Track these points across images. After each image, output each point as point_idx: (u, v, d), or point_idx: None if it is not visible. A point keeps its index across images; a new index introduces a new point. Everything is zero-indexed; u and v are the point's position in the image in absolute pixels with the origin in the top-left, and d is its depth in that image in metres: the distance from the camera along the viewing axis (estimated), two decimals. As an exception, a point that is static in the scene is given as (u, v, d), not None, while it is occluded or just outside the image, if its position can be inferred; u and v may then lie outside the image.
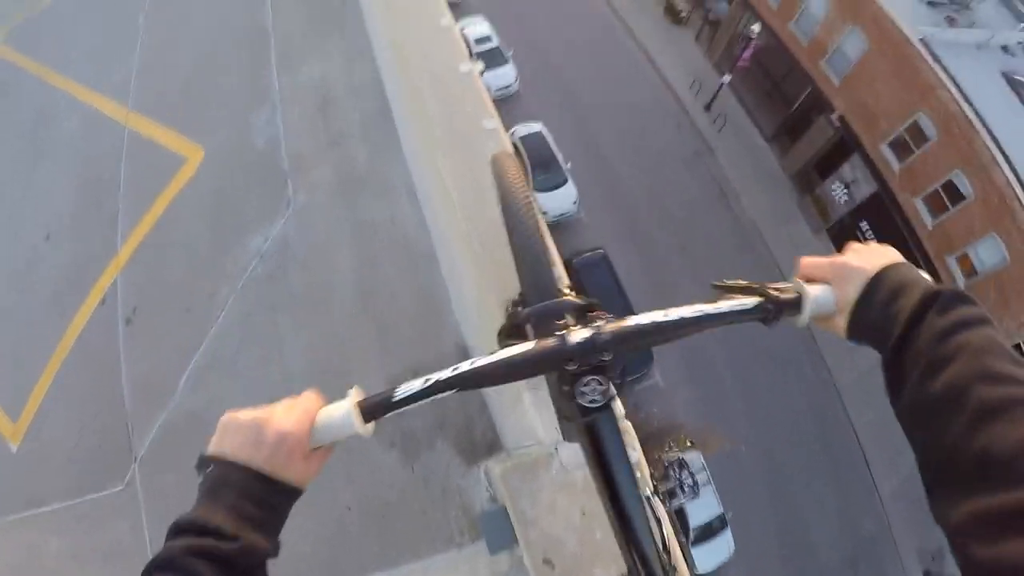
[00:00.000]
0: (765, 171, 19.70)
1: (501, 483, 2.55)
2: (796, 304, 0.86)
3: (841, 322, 0.85)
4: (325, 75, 5.42)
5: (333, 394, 0.90)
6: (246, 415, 0.82)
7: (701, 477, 13.03)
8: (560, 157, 16.51)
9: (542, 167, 16.28)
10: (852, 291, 0.82)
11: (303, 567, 3.81)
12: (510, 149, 3.40)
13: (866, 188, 17.90)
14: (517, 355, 0.86)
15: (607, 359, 0.84)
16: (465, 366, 0.87)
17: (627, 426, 2.61)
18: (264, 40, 6.27)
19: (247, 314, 4.11)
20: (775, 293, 0.87)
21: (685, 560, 2.62)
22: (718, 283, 0.95)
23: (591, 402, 0.87)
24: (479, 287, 2.88)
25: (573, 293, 1.00)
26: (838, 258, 0.88)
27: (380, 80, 5.02)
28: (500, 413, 3.32)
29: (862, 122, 17.51)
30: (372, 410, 0.86)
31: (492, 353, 0.87)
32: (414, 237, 3.76)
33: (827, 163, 19.06)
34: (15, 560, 4.57)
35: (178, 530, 0.71)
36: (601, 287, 14.42)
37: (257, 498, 0.76)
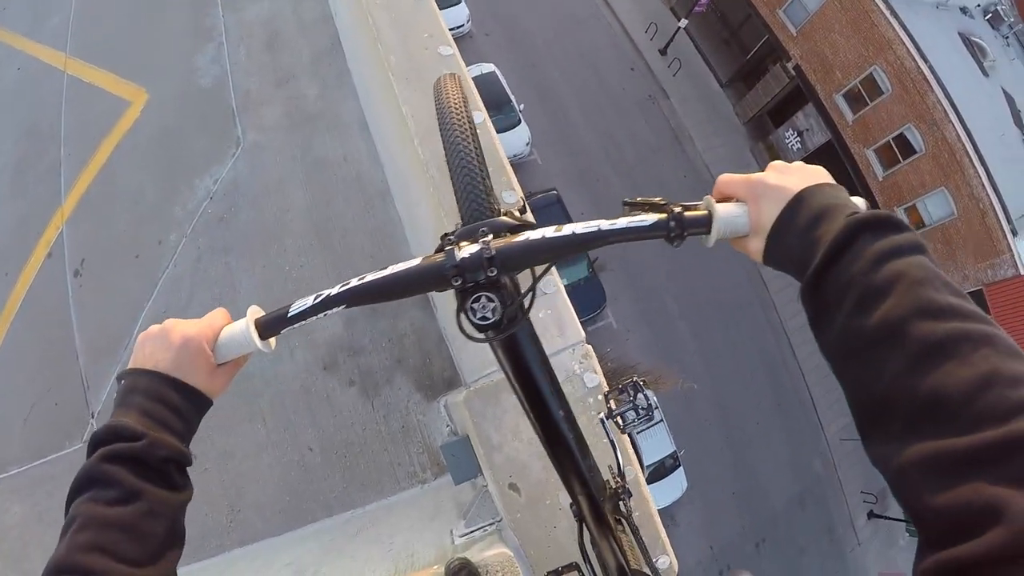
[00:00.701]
0: (719, 116, 19.83)
1: (464, 408, 2.53)
2: (703, 222, 0.81)
3: (757, 245, 0.78)
4: (273, 11, 5.17)
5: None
6: (155, 327, 0.87)
7: (655, 415, 13.46)
8: (513, 98, 16.27)
9: (495, 108, 15.93)
10: (768, 212, 0.75)
11: (267, 511, 3.81)
12: (468, 77, 3.29)
13: (819, 137, 18.19)
14: (404, 271, 0.85)
15: (494, 275, 0.82)
16: (354, 281, 0.88)
17: (587, 350, 2.60)
18: (208, -22, 5.96)
19: (197, 258, 3.99)
20: (679, 210, 0.81)
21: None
22: (629, 200, 0.89)
23: (482, 319, 0.86)
24: (436, 215, 2.81)
25: (514, 214, 0.95)
26: (756, 175, 0.81)
27: (331, 16, 4.82)
28: (458, 347, 3.30)
29: (818, 72, 17.77)
30: (268, 325, 0.89)
31: (383, 269, 0.87)
32: (368, 173, 3.66)
33: (781, 111, 19.31)
34: (-24, 527, 4.50)
35: (93, 442, 0.75)
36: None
37: (164, 399, 0.80)
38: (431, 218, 3.01)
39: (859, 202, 0.76)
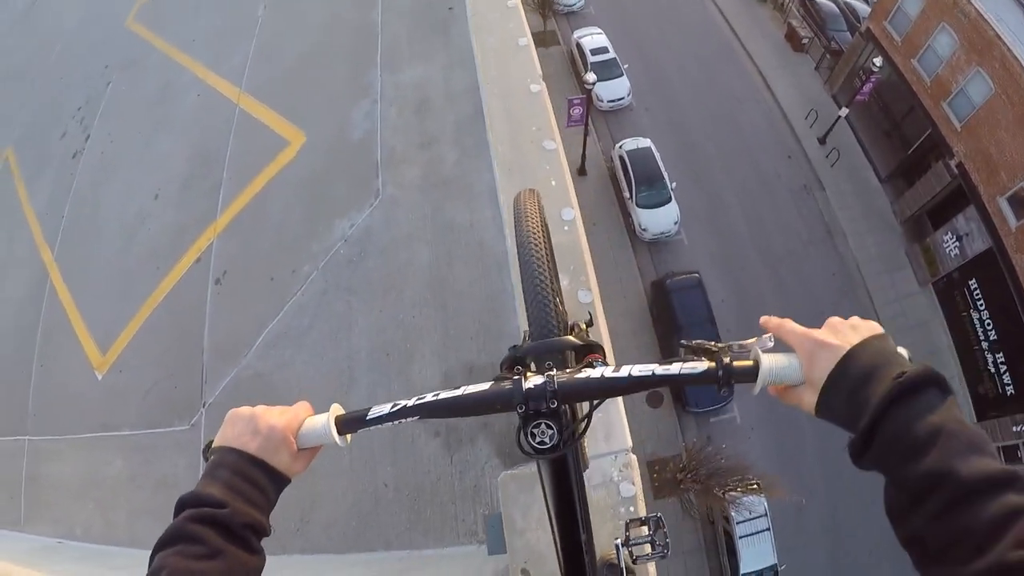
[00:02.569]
0: (875, 213, 18.21)
1: (500, 488, 2.68)
2: (750, 372, 0.87)
3: (811, 398, 0.84)
4: (426, 77, 5.74)
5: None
6: (246, 410, 0.98)
7: (760, 523, 12.65)
8: (666, 175, 16.37)
9: (647, 183, 16.16)
10: (821, 369, 0.82)
11: (334, 531, 4.05)
12: (566, 173, 3.55)
13: (979, 244, 16.17)
14: (474, 393, 0.94)
15: (555, 406, 0.90)
16: (429, 397, 0.95)
17: (630, 460, 2.66)
18: (372, 39, 6.69)
19: (323, 292, 4.41)
20: (728, 360, 0.88)
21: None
22: (685, 343, 0.98)
23: (540, 443, 0.92)
24: (522, 306, 3.03)
25: (581, 330, 1.06)
26: (813, 332, 0.87)
27: (477, 88, 5.29)
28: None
29: (981, 171, 15.80)
30: (347, 425, 0.98)
31: (456, 388, 0.96)
32: (490, 242, 3.96)
33: (941, 212, 17.17)
34: (83, 471, 5.08)
35: (181, 505, 0.84)
36: (692, 311, 14.20)
37: (247, 476, 0.89)
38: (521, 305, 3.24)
39: (902, 352, 0.82)
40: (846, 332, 0.84)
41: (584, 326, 1.78)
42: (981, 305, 15.78)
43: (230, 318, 4.86)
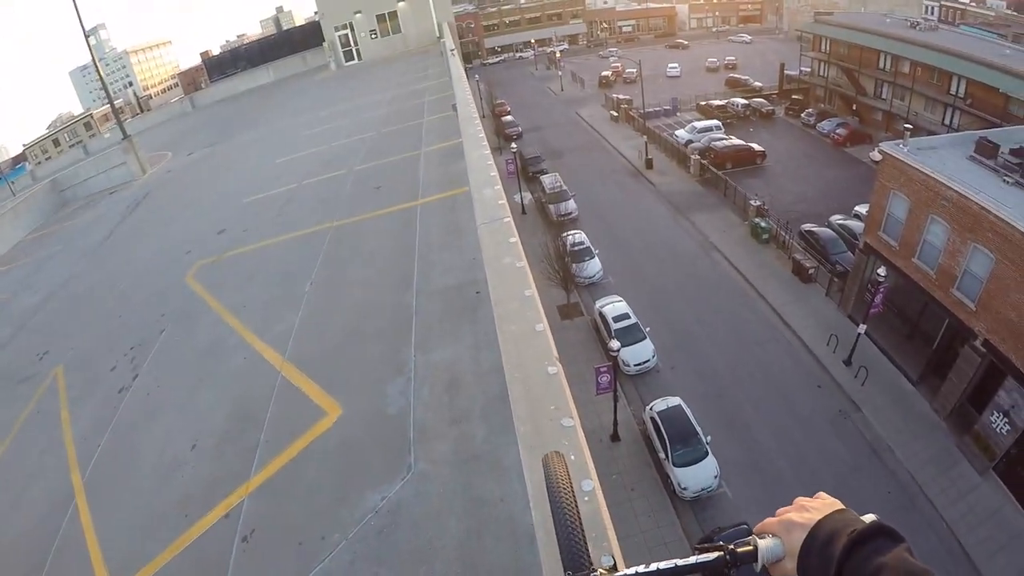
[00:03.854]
0: (917, 417, 18.03)
1: None
2: (750, 556, 1.11)
3: (792, 565, 1.05)
4: (456, 357, 6.61)
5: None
6: None
7: None
8: (699, 430, 16.60)
9: (681, 441, 16.34)
10: (795, 541, 1.05)
11: None
12: (584, 447, 4.05)
13: None
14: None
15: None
16: None
17: None
18: (407, 320, 7.77)
19: (351, 562, 4.60)
20: (732, 547, 1.13)
21: None
22: (699, 544, 1.24)
23: None
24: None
25: (604, 571, 1.32)
26: (786, 515, 1.12)
27: (502, 368, 6.05)
28: None
29: (1008, 340, 15.86)
30: None
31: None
32: (519, 517, 4.31)
33: (981, 394, 16.85)
34: None
35: None
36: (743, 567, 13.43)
37: None
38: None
39: (867, 518, 1.02)
40: (812, 510, 1.10)
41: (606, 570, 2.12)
42: (1049, 472, 14.46)
43: (253, 580, 4.92)
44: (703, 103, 50.63)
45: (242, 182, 18.78)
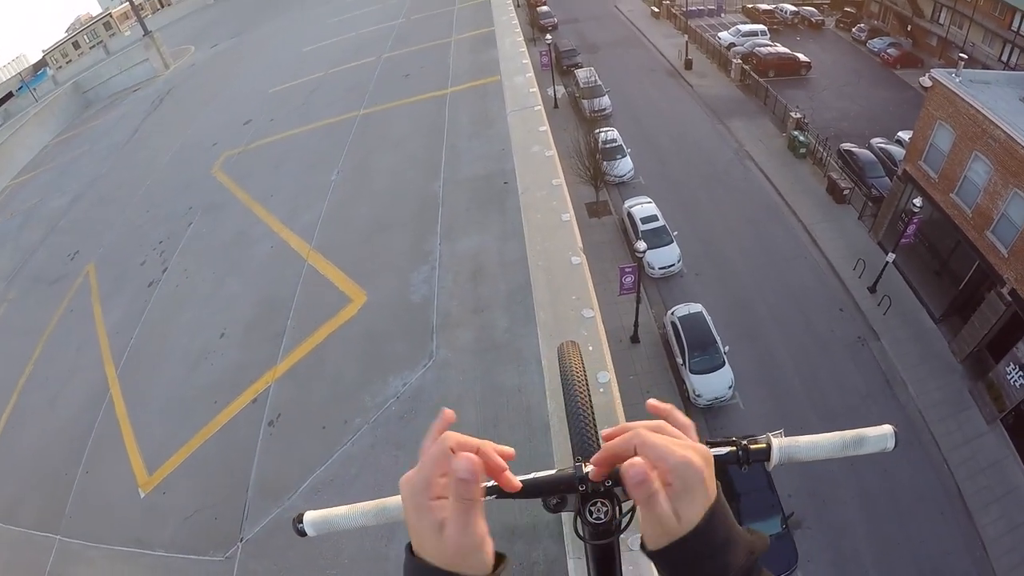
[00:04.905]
0: (934, 356, 17.49)
1: None
2: (765, 452, 1.08)
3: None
4: (481, 246, 6.35)
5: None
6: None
7: None
8: (719, 339, 16.50)
9: (700, 348, 16.33)
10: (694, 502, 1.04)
11: None
12: (603, 339, 3.85)
13: None
14: (542, 477, 1.08)
15: (609, 485, 1.04)
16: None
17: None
18: (434, 208, 7.49)
19: (372, 445, 4.62)
20: (745, 443, 1.08)
21: None
22: (710, 440, 1.11)
23: (597, 519, 1.03)
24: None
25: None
26: (675, 449, 1.01)
27: (527, 259, 5.81)
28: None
29: None
30: None
31: (525, 475, 1.07)
32: (537, 407, 4.19)
33: (1001, 343, 16.43)
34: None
35: None
36: (750, 477, 13.72)
37: None
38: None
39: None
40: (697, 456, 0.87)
41: None
42: (1056, 434, 14.55)
43: (279, 460, 5.04)
44: (750, 6, 46.13)
45: (268, 72, 18.13)
